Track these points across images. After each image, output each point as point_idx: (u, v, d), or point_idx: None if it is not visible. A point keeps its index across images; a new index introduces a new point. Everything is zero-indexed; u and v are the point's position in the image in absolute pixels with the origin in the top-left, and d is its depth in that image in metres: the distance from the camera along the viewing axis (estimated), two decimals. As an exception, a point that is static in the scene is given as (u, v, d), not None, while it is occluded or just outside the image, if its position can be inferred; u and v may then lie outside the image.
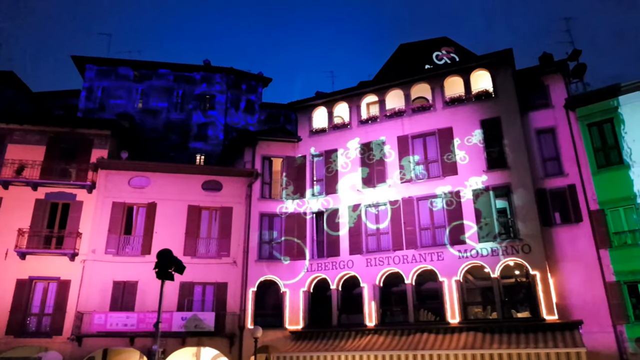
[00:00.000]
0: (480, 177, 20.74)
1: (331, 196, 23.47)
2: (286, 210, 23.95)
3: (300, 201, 24.03)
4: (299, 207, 23.94)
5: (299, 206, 23.95)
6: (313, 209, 23.68)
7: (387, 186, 22.40)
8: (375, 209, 22.44)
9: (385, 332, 19.84)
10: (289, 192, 24.31)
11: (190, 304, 21.84)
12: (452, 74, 23.06)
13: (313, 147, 24.83)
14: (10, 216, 21.75)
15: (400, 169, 22.42)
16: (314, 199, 23.84)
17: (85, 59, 33.71)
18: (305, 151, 24.97)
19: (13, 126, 23.35)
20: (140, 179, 23.48)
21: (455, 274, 19.80)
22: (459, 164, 21.30)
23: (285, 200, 24.12)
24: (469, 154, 21.27)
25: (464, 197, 20.71)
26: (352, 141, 24.01)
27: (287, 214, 23.89)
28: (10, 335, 20.22)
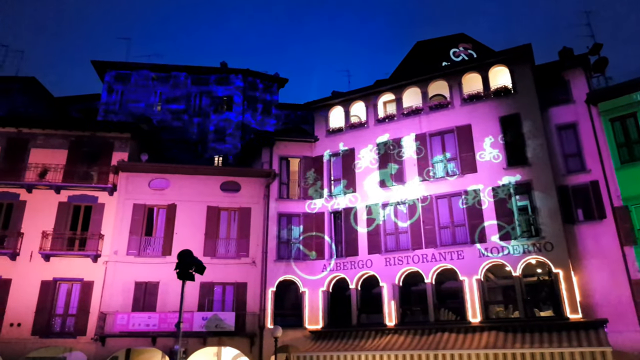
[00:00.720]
0: (500, 174, 20.48)
1: (349, 196, 23.44)
2: (304, 210, 23.98)
3: (318, 201, 24.04)
4: (317, 207, 23.96)
5: (317, 206, 23.97)
6: (331, 209, 23.68)
7: (405, 185, 22.27)
8: (393, 208, 22.32)
9: (405, 332, 19.73)
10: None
11: (210, 304, 22.03)
12: (470, 70, 22.81)
13: (330, 147, 24.81)
14: (34, 219, 22.22)
15: (418, 168, 22.27)
16: (332, 198, 23.82)
17: (104, 64, 34.21)
18: (322, 151, 24.98)
19: (36, 131, 23.85)
20: (160, 181, 23.77)
21: (475, 272, 19.59)
22: (478, 162, 21.06)
23: (304, 200, 24.15)
24: (488, 151, 21.01)
25: (483, 195, 20.48)
26: (370, 140, 23.92)
27: (305, 213, 23.92)
28: (36, 336, 20.64)
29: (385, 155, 23.31)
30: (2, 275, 21.34)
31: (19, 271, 21.44)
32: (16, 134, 23.72)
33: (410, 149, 22.79)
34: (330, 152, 24.77)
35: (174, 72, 34.63)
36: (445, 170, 21.81)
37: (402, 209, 22.12)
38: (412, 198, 21.91)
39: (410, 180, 22.27)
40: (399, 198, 22.21)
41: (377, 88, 24.79)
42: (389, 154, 23.25)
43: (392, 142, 23.35)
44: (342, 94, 25.85)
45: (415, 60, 27.47)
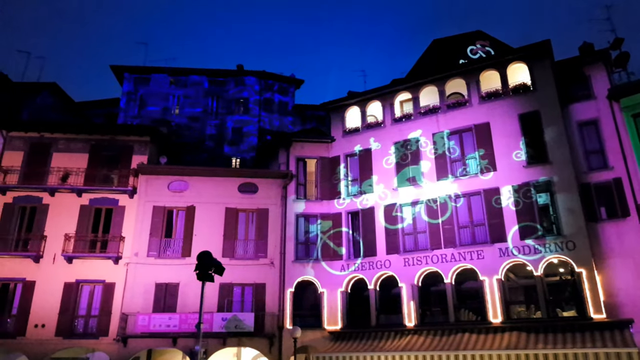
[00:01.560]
0: (520, 172, 20.19)
1: (366, 196, 23.36)
2: (322, 210, 23.98)
3: (335, 201, 24.02)
4: (334, 207, 23.94)
5: (335, 206, 23.95)
6: (348, 209, 23.63)
7: (423, 185, 22.11)
8: (411, 208, 22.18)
9: (425, 333, 19.58)
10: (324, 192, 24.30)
11: (229, 305, 22.17)
12: (487, 68, 22.56)
13: (347, 147, 24.76)
14: (57, 222, 22.64)
15: (436, 167, 22.10)
16: (349, 198, 23.78)
17: (123, 68, 34.74)
18: (339, 151, 24.95)
19: (57, 135, 24.31)
20: (179, 183, 24.01)
21: (496, 272, 19.35)
22: (497, 160, 20.80)
23: (321, 201, 24.16)
24: (507, 149, 20.74)
25: (503, 193, 20.22)
26: (387, 140, 23.81)
27: (322, 214, 23.92)
28: (59, 337, 21.02)
29: (403, 154, 23.18)
30: (27, 277, 21.78)
31: (42, 273, 21.87)
32: (39, 139, 24.21)
33: (427, 149, 22.63)
34: (347, 153, 24.72)
35: (191, 76, 35.00)
36: (464, 169, 21.60)
37: (420, 208, 21.96)
38: (430, 197, 21.74)
39: (428, 179, 22.11)
40: (417, 198, 22.06)
41: (393, 87, 24.68)
42: (406, 153, 23.12)
43: (409, 141, 23.20)
44: (358, 94, 25.79)
45: (432, 58, 27.27)
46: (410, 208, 22.19)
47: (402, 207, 22.37)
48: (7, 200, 22.90)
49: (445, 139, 22.34)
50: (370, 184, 23.48)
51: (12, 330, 21.08)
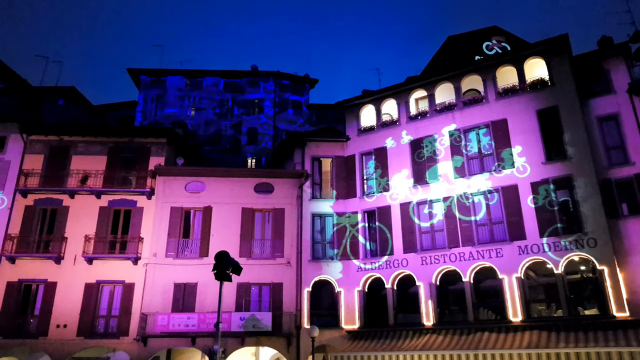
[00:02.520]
0: (539, 169, 19.91)
1: (382, 194, 23.26)
2: (337, 209, 23.94)
3: (351, 200, 23.97)
4: (350, 206, 23.88)
5: (350, 205, 23.90)
6: (364, 208, 23.55)
7: (440, 182, 21.95)
8: (428, 206, 22.02)
9: (444, 332, 19.43)
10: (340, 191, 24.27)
11: (247, 305, 22.27)
12: (504, 63, 22.30)
13: (362, 146, 24.69)
14: (77, 223, 22.99)
15: (453, 164, 21.91)
16: (365, 197, 23.71)
17: (139, 71, 35.15)
18: (354, 150, 24.88)
19: (76, 138, 24.68)
20: (196, 184, 24.20)
21: (515, 270, 19.11)
22: (515, 156, 20.54)
23: (337, 200, 24.13)
24: (525, 145, 20.47)
25: (522, 190, 19.95)
26: (402, 138, 23.68)
27: (338, 213, 23.89)
28: (81, 337, 21.35)
29: (419, 152, 23.03)
30: (48, 278, 22.17)
31: (63, 274, 22.24)
32: (58, 142, 24.62)
33: (444, 146, 22.44)
34: (362, 151, 24.64)
35: (206, 77, 35.30)
36: (482, 165, 21.37)
37: (437, 206, 21.79)
38: (447, 195, 21.56)
39: (444, 177, 21.93)
40: (434, 196, 21.90)
41: (408, 85, 24.52)
42: (422, 151, 22.97)
43: (425, 138, 23.05)
44: (372, 92, 25.70)
45: (447, 55, 27.04)
46: (427, 206, 22.03)
47: (418, 206, 22.22)
48: (29, 202, 23.33)
49: (462, 136, 22.13)
50: (386, 182, 23.37)
51: (35, 331, 21.48)
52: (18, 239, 22.57)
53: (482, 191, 20.90)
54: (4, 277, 22.06)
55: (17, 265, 22.28)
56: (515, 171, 20.34)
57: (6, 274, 22.11)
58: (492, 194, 20.70)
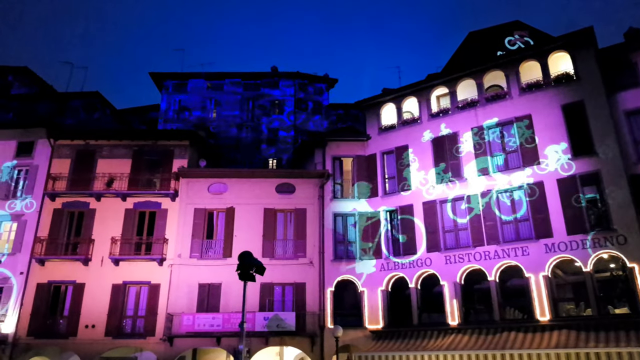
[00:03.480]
0: (565, 165, 19.49)
1: (404, 193, 23.09)
2: (359, 209, 23.86)
3: (372, 199, 23.86)
4: (372, 206, 23.77)
5: (372, 204, 23.79)
6: (386, 207, 23.42)
7: (464, 180, 21.67)
8: (451, 205, 21.77)
9: (470, 331, 19.18)
10: (361, 191, 24.20)
11: (271, 304, 22.38)
12: (527, 58, 21.90)
13: (383, 145, 24.56)
14: (103, 226, 23.44)
15: (476, 162, 21.62)
16: (387, 196, 23.57)
17: (161, 75, 35.67)
18: (375, 149, 24.76)
19: (102, 142, 25.18)
20: (219, 185, 24.42)
21: (542, 269, 18.74)
22: (540, 153, 20.14)
23: (358, 199, 24.05)
24: (551, 141, 20.06)
25: (548, 187, 19.55)
26: (424, 136, 23.47)
27: (360, 212, 23.80)
28: (108, 337, 21.75)
29: (441, 150, 22.79)
30: (77, 279, 22.66)
31: (91, 275, 22.70)
32: (84, 146, 25.13)
33: (466, 143, 22.16)
34: (383, 150, 24.51)
35: (226, 79, 35.62)
36: (506, 163, 21.04)
37: (460, 205, 21.53)
38: (470, 193, 21.28)
39: (469, 174, 21.65)
40: (457, 194, 21.64)
41: (429, 82, 24.30)
42: (444, 149, 22.72)
43: (447, 136, 22.80)
44: (393, 91, 25.52)
45: (468, 51, 26.67)
46: (450, 205, 21.79)
47: (441, 204, 21.99)
48: (57, 206, 23.88)
49: (485, 133, 21.82)
50: (408, 181, 23.18)
51: (65, 331, 21.99)
52: (47, 242, 23.12)
53: (506, 189, 20.57)
54: (34, 279, 22.62)
55: (46, 267, 22.83)
56: (541, 167, 19.96)
57: (36, 276, 22.67)
58: (517, 191, 20.35)
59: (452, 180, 21.97)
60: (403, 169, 23.55)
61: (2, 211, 23.85)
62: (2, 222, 23.80)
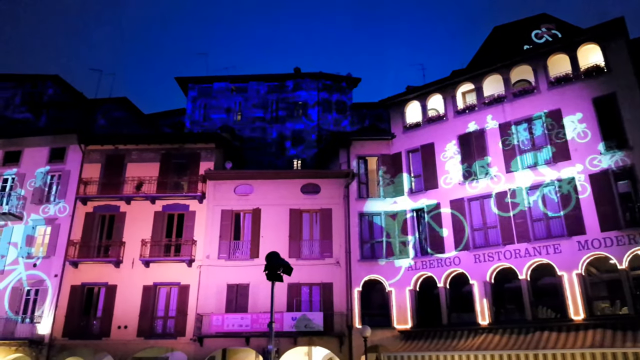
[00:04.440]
0: (597, 160, 18.97)
1: (431, 192, 22.84)
2: (385, 208, 23.71)
3: (398, 198, 23.68)
4: (398, 205, 23.59)
5: (398, 204, 23.61)
6: (413, 206, 23.22)
7: (492, 177, 21.32)
8: (479, 202, 21.44)
9: (501, 331, 18.85)
10: (387, 190, 24.05)
11: (298, 305, 22.44)
12: (555, 51, 21.40)
13: (408, 143, 24.35)
14: (133, 228, 23.92)
15: (504, 158, 21.24)
16: (413, 195, 23.36)
17: (187, 79, 36.17)
18: (400, 148, 24.57)
19: (130, 147, 25.69)
20: (245, 187, 24.64)
21: (575, 267, 18.28)
22: (571, 148, 19.66)
23: (384, 198, 23.90)
24: (582, 136, 19.56)
25: (579, 183, 19.07)
26: (450, 133, 23.18)
27: (386, 212, 23.65)
28: (140, 337, 22.17)
29: (468, 147, 22.46)
30: (109, 281, 23.17)
31: (123, 277, 23.17)
32: (114, 151, 25.69)
33: (494, 139, 21.79)
34: (409, 149, 24.30)
35: (250, 82, 35.88)
36: (535, 158, 20.60)
37: (489, 202, 21.17)
38: (499, 190, 20.91)
39: (496, 171, 21.29)
40: (485, 191, 21.29)
41: (454, 79, 23.98)
42: (471, 145, 22.39)
43: (474, 132, 22.46)
44: (417, 88, 25.28)
45: (493, 46, 26.25)
46: (478, 202, 21.46)
47: (469, 202, 21.67)
48: (89, 209, 24.48)
49: (513, 128, 21.42)
50: (434, 179, 22.93)
51: (98, 332, 22.51)
52: (80, 245, 23.72)
53: (536, 185, 20.13)
54: (68, 281, 23.24)
55: (79, 269, 23.42)
56: (572, 162, 19.47)
57: (70, 278, 23.28)
58: (547, 188, 19.91)
59: (480, 177, 21.64)
60: (429, 167, 23.30)
61: (37, 215, 24.59)
62: (36, 226, 24.52)
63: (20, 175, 25.49)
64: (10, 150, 26.11)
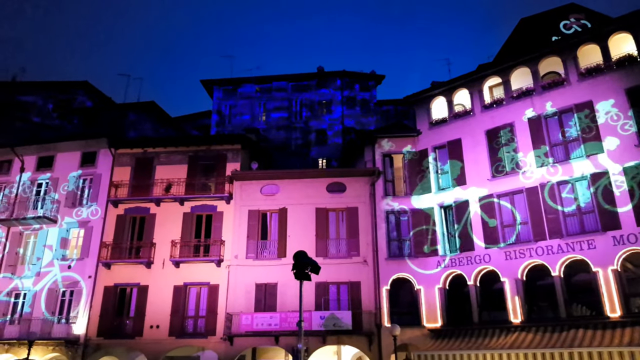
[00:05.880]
0: (632, 152, 18.33)
1: (458, 188, 22.52)
2: (412, 206, 23.49)
3: (426, 196, 23.42)
4: (425, 202, 23.34)
5: (425, 201, 23.35)
6: (440, 203, 22.94)
7: (522, 172, 20.88)
8: (509, 198, 21.03)
9: (534, 329, 18.46)
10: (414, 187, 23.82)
11: (326, 303, 22.44)
12: (585, 42, 20.82)
13: (434, 139, 24.06)
14: (163, 229, 24.34)
15: (534, 152, 20.78)
16: (440, 192, 23.08)
17: (212, 82, 36.63)
18: (426, 144, 24.30)
19: (159, 149, 26.15)
20: (271, 187, 24.78)
21: (611, 262, 17.74)
22: (604, 141, 19.09)
23: (410, 196, 23.68)
24: (614, 127, 18.96)
25: (614, 176, 18.49)
26: (477, 128, 22.80)
27: (413, 209, 23.43)
28: (172, 337, 22.54)
29: (496, 142, 22.06)
30: (141, 282, 23.63)
31: (154, 278, 23.61)
32: (142, 154, 26.19)
33: (523, 134, 21.33)
34: (435, 145, 24.00)
35: (274, 82, 36.12)
36: (566, 152, 20.08)
37: (519, 198, 20.75)
38: (530, 186, 20.47)
39: (526, 166, 20.85)
40: (516, 186, 20.87)
41: (480, 73, 23.58)
42: (499, 140, 21.99)
43: (502, 128, 22.05)
44: (443, 84, 24.97)
45: (520, 39, 25.70)
46: (508, 198, 21.05)
47: (498, 198, 21.28)
48: (120, 212, 25.02)
49: (543, 122, 20.93)
50: (462, 175, 22.60)
51: (131, 331, 22.98)
52: (112, 246, 24.27)
53: (568, 179, 19.64)
54: (101, 282, 23.80)
55: (112, 270, 23.96)
56: (605, 155, 18.91)
57: (103, 279, 23.84)
58: (580, 182, 19.40)
59: (509, 172, 21.22)
60: (456, 163, 22.98)
61: (70, 219, 25.27)
62: (70, 229, 25.21)
63: (53, 180, 26.26)
64: (44, 156, 26.93)
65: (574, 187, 19.52)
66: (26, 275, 24.65)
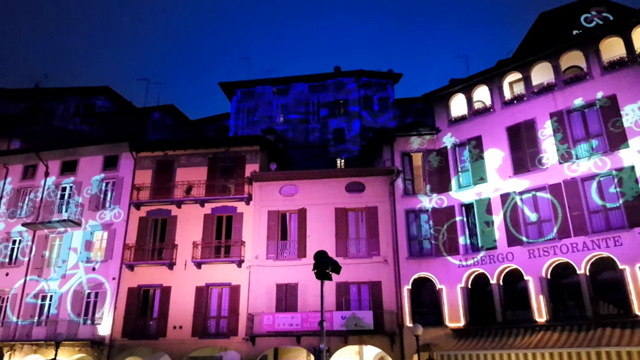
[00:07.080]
0: (659, 146, 17.92)
1: (479, 186, 22.26)
2: (432, 204, 23.30)
3: (446, 194, 23.20)
4: (445, 201, 23.12)
5: (446, 199, 23.13)
6: (461, 201, 22.70)
7: (544, 169, 20.54)
8: (532, 195, 20.69)
9: (559, 328, 18.14)
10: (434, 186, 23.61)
11: (347, 303, 22.40)
12: (608, 35, 20.41)
13: (454, 137, 23.83)
14: (185, 231, 24.59)
15: (557, 149, 20.42)
16: (461, 190, 22.84)
17: (230, 84, 36.90)
18: (446, 142, 24.08)
19: (179, 152, 26.44)
20: (290, 187, 24.84)
21: (638, 259, 17.33)
22: (629, 135, 18.66)
23: (430, 195, 23.48)
24: (640, 122, 18.54)
25: (640, 171, 18.07)
26: (497, 125, 22.51)
27: (433, 208, 23.24)
28: (195, 337, 22.76)
29: (517, 138, 21.74)
30: (163, 283, 23.92)
31: (176, 279, 23.87)
32: (163, 157, 26.51)
33: (546, 129, 20.97)
34: (455, 142, 23.77)
35: (291, 83, 36.22)
36: (590, 148, 19.69)
37: (542, 195, 20.41)
38: (552, 182, 20.11)
39: (549, 163, 20.50)
40: (539, 183, 20.53)
41: (500, 69, 23.27)
42: (521, 137, 21.66)
43: (524, 123, 21.71)
44: (461, 81, 24.70)
45: (540, 33, 25.32)
46: (531, 195, 20.71)
47: (521, 195, 20.97)
48: (142, 214, 25.37)
49: (565, 117, 20.56)
50: (484, 172, 22.32)
51: (155, 332, 23.27)
52: (135, 248, 24.62)
53: (592, 175, 19.25)
54: (125, 284, 24.16)
55: (135, 272, 24.30)
56: (631, 150, 18.48)
57: (127, 281, 24.20)
58: (605, 177, 19.00)
59: (531, 169, 20.90)
60: (477, 160, 22.72)
61: (94, 221, 25.72)
62: (94, 231, 25.65)
63: (77, 184, 26.76)
64: (67, 160, 27.47)
65: (599, 182, 19.12)
66: (52, 277, 25.17)
